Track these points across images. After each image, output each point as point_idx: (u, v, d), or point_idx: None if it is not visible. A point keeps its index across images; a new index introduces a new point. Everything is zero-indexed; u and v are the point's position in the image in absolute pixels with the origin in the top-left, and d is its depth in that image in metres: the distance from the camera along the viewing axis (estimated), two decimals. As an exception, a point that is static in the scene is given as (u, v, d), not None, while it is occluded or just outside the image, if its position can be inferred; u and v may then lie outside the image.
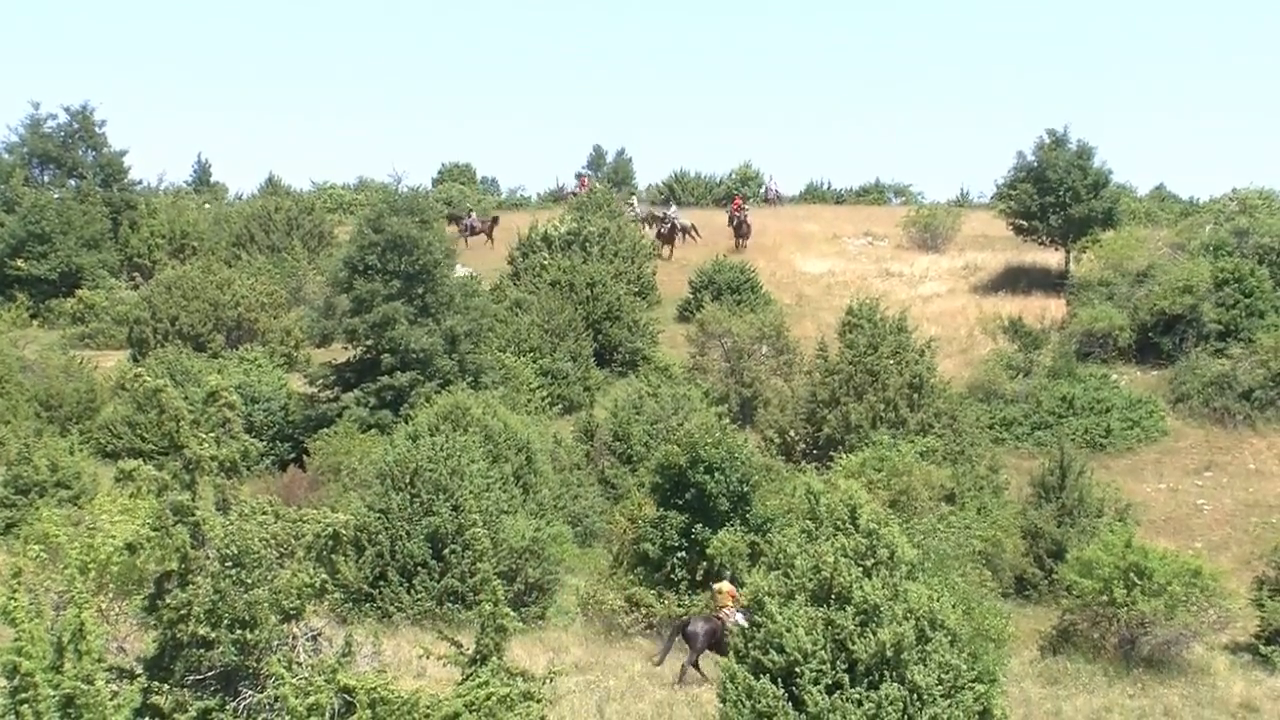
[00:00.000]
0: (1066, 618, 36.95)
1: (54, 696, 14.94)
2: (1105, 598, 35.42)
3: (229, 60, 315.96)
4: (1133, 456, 56.78)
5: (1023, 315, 67.83)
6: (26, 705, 14.77)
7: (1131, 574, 35.22)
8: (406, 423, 45.30)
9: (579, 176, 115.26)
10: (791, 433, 52.39)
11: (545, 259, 74.53)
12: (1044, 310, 71.32)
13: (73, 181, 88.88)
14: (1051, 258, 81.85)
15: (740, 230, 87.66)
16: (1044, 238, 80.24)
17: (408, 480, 37.06)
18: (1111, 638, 35.92)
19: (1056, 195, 77.32)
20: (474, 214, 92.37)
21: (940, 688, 21.50)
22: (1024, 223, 79.77)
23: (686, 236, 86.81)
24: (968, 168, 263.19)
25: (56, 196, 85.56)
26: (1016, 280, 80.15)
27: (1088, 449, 55.15)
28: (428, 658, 19.20)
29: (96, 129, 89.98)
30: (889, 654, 21.35)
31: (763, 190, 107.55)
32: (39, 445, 43.80)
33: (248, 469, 19.75)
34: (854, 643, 21.44)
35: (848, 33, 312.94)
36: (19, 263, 78.17)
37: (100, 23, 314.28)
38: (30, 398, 56.00)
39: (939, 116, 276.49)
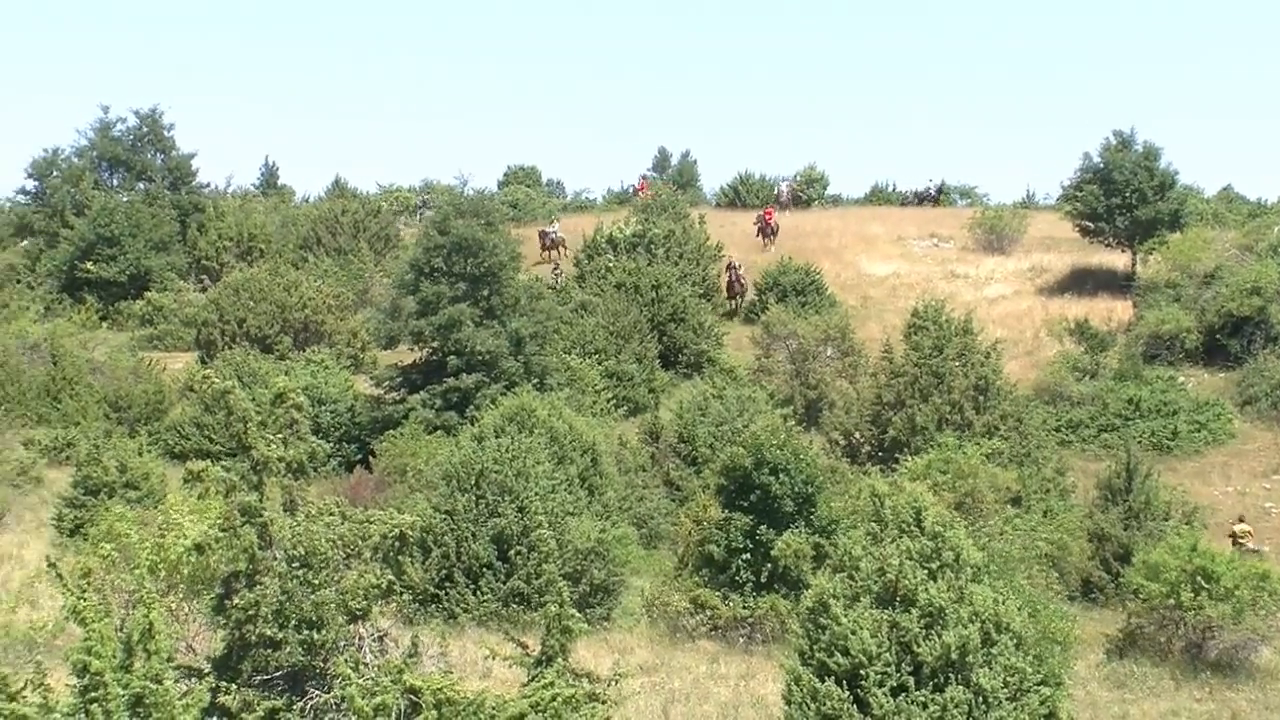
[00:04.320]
0: (1133, 621, 36.69)
1: (123, 696, 15.02)
2: (1172, 601, 35.20)
3: (297, 63, 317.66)
4: (1200, 459, 56.42)
5: (1089, 317, 67.60)
6: (96, 704, 14.88)
7: (1198, 578, 34.99)
8: (472, 424, 45.38)
9: (641, 178, 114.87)
10: (856, 435, 52.26)
11: (610, 261, 74.57)
12: (1110, 312, 71.02)
13: (141, 185, 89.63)
14: (1118, 259, 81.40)
15: (765, 232, 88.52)
16: (1110, 239, 79.83)
17: (473, 482, 37.12)
18: (1178, 641, 35.66)
19: (1123, 197, 76.92)
20: (557, 225, 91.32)
21: (1006, 691, 21.49)
22: (1090, 224, 79.39)
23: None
24: (1034, 169, 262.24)
25: (125, 200, 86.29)
26: (1083, 282, 79.76)
27: (1154, 452, 54.82)
28: (493, 659, 19.27)
29: (165, 132, 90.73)
30: (954, 657, 21.34)
31: (776, 193, 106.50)
32: (108, 446, 44.02)
33: (314, 470, 19.88)
34: (919, 645, 21.43)
35: (914, 34, 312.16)
36: (88, 265, 78.78)
37: (169, 26, 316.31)
38: (100, 399, 56.46)
39: (1005, 118, 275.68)
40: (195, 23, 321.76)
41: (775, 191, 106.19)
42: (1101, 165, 78.79)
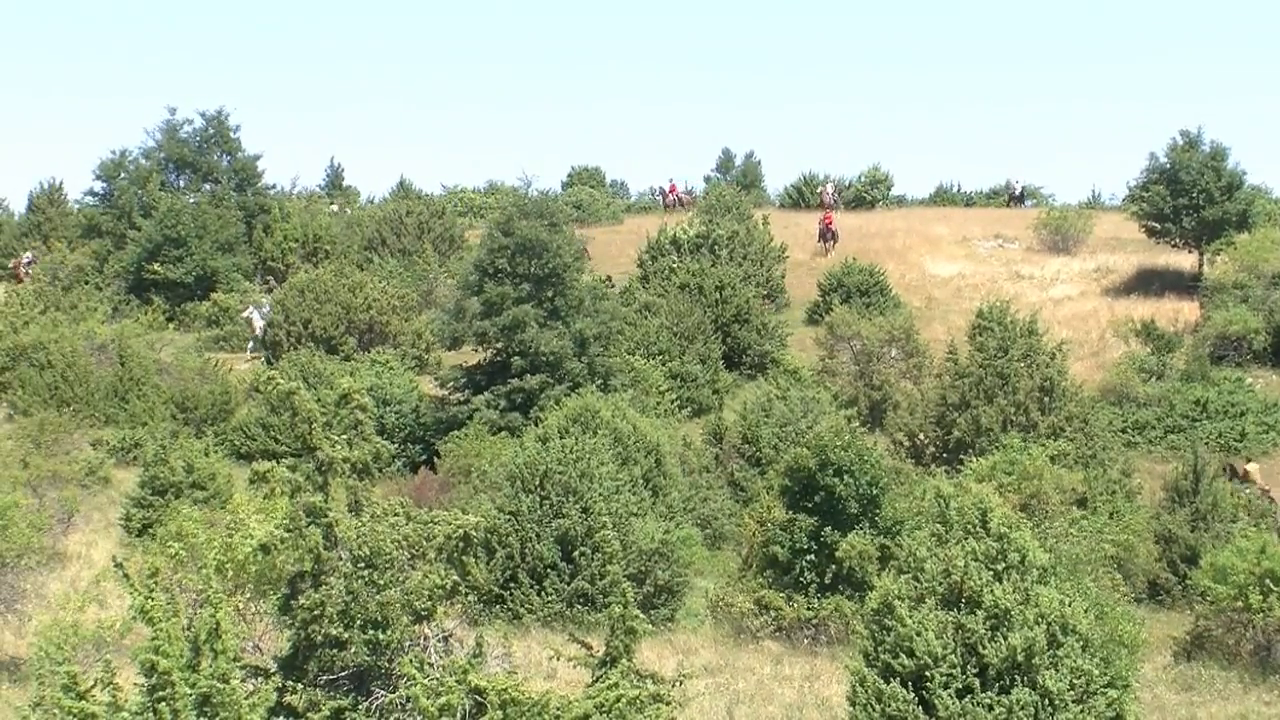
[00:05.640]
0: (1200, 623, 36.43)
1: (190, 695, 15.11)
2: (1240, 604, 34.95)
3: (363, 65, 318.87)
4: (1268, 461, 55.99)
5: (1155, 318, 67.28)
6: (164, 703, 14.97)
7: (1267, 580, 34.73)
8: (536, 425, 45.45)
9: (670, 180, 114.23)
10: (921, 436, 52.09)
11: (674, 262, 74.53)
12: (1177, 313, 70.63)
13: (208, 186, 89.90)
14: (1185, 260, 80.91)
15: (825, 236, 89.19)
16: (1177, 240, 79.26)
17: (537, 483, 37.18)
18: (1247, 644, 35.37)
19: (1190, 197, 76.39)
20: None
21: (1072, 693, 21.40)
22: (1156, 225, 78.81)
23: None
24: (1099, 169, 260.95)
25: (192, 201, 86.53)
26: (1149, 283, 79.34)
27: (1222, 453, 54.43)
28: (558, 659, 19.29)
29: (231, 133, 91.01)
30: (1020, 659, 21.26)
31: (820, 195, 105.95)
32: (175, 447, 44.23)
33: (379, 471, 19.91)
34: (984, 647, 21.36)
35: (978, 34, 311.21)
36: (155, 267, 79.13)
37: (236, 28, 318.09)
38: (166, 400, 56.73)
39: (1070, 118, 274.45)
40: (262, 25, 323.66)
41: (820, 193, 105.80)
42: (1168, 165, 78.28)
